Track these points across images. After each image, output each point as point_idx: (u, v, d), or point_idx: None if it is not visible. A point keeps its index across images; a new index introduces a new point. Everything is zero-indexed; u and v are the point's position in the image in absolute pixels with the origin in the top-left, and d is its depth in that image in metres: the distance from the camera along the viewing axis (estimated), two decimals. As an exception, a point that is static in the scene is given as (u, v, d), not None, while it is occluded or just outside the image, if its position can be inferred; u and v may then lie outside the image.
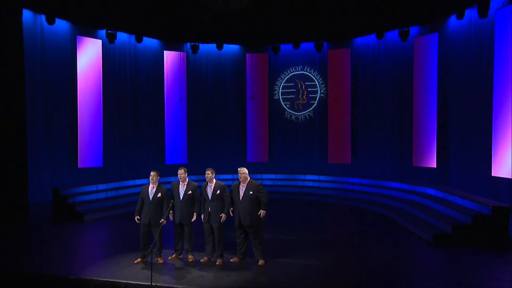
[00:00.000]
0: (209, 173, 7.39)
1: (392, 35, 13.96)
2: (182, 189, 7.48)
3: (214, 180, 7.42)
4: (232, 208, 7.41)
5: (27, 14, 12.02)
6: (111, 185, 13.10)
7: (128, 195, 12.96)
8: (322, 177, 15.28)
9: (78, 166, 13.19)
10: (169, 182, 8.15)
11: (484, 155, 10.31)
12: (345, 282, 6.60)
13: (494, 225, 8.71)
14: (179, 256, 7.59)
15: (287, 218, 11.69)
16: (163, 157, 15.30)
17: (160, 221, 7.23)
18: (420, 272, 7.25)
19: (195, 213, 7.47)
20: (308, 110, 16.03)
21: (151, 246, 6.59)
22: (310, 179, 15.41)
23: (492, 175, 9.88)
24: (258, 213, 7.22)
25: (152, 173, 7.47)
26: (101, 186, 12.77)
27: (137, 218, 7.43)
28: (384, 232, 10.10)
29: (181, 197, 7.44)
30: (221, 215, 7.31)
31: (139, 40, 14.58)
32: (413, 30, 13.33)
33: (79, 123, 13.21)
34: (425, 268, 7.49)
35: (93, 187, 12.53)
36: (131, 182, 13.77)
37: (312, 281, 6.62)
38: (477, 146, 10.78)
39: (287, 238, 9.15)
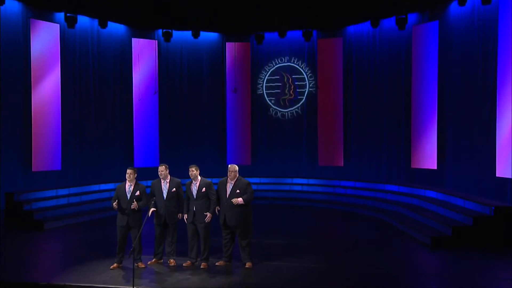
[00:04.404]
0: (193, 170, 7.97)
1: (388, 23, 14.73)
2: (165, 187, 8.07)
3: (199, 178, 8.02)
4: (218, 207, 8.03)
5: (-32, -7, 12.05)
6: (72, 190, 13.53)
7: (93, 201, 13.44)
8: (311, 181, 16.06)
9: (33, 170, 13.39)
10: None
11: (488, 154, 11.07)
12: (338, 284, 7.30)
13: (497, 226, 9.58)
14: (159, 261, 8.17)
15: (274, 223, 12.45)
16: (131, 159, 15.68)
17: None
18: (415, 273, 8.03)
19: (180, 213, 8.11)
20: (295, 107, 16.74)
21: (132, 247, 7.08)
22: (298, 183, 16.16)
23: (497, 175, 10.66)
24: (237, 201, 7.71)
25: (128, 171, 8.00)
26: (62, 191, 13.17)
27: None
28: (379, 236, 10.95)
29: (164, 196, 8.03)
30: (205, 213, 7.91)
31: (103, 25, 14.80)
32: (411, 18, 14.09)
33: (33, 120, 13.39)
34: (421, 270, 8.32)
35: (52, 192, 12.92)
36: (96, 187, 14.21)
37: (304, 282, 7.30)
38: (480, 145, 11.56)
39: (275, 242, 9.84)
